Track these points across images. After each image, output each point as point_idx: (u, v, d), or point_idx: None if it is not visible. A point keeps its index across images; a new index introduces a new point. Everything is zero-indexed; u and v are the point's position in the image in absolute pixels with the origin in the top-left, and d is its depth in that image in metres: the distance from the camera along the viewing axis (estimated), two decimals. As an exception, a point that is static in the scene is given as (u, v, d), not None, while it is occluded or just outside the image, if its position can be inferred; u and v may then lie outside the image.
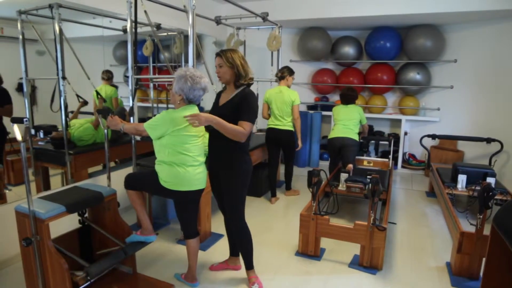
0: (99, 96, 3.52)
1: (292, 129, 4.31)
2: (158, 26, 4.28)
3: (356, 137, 4.32)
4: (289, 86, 4.35)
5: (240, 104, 2.32)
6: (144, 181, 2.40)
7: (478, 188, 2.74)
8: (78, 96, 3.49)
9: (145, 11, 3.19)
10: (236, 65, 2.34)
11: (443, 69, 5.72)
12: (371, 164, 4.87)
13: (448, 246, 3.28)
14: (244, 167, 2.43)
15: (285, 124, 4.27)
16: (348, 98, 4.41)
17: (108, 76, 4.13)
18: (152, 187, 2.38)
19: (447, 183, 4.00)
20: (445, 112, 5.80)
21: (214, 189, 2.62)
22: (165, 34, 4.78)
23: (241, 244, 2.58)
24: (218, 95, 2.55)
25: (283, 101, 4.23)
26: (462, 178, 3.92)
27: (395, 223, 3.69)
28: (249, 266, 2.62)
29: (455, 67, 5.62)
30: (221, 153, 2.42)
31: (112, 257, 2.32)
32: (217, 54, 2.38)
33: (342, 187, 3.81)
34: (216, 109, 2.44)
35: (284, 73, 4.32)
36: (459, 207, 4.04)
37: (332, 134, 4.42)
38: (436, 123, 5.83)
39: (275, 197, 4.49)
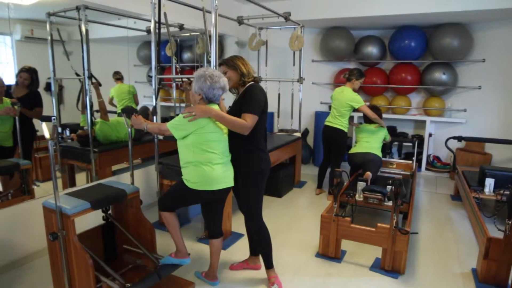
0: (93, 81, 3.53)
1: (342, 128, 4.34)
2: (181, 27, 4.33)
3: (379, 153, 4.24)
4: (354, 89, 4.32)
5: (244, 98, 2.35)
6: (175, 194, 2.40)
7: (507, 192, 2.65)
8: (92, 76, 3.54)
9: (165, 13, 3.22)
10: (237, 65, 2.41)
11: (471, 69, 5.55)
12: (394, 166, 4.78)
13: (474, 252, 3.17)
14: (261, 166, 2.43)
15: (337, 123, 4.34)
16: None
17: (121, 76, 4.24)
18: (184, 196, 2.37)
19: (473, 187, 3.88)
20: (472, 113, 5.62)
21: (234, 189, 2.63)
22: (188, 34, 4.83)
23: (260, 244, 2.59)
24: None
25: (340, 102, 4.31)
26: (489, 182, 3.79)
27: (416, 233, 3.57)
28: (269, 265, 2.61)
29: (483, 67, 5.44)
30: (238, 152, 2.43)
31: (146, 280, 2.33)
32: (219, 64, 2.49)
33: (359, 197, 3.51)
34: (230, 108, 2.50)
35: (350, 76, 4.32)
36: (486, 212, 3.91)
37: (353, 150, 4.36)
38: (462, 124, 5.67)
39: (319, 189, 4.77)
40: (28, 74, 3.10)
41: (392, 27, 5.77)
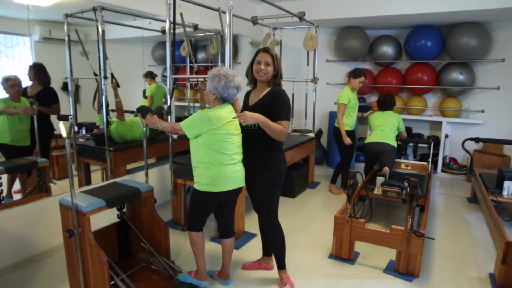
0: (112, 82, 3.61)
1: (338, 126, 4.48)
2: (196, 27, 4.35)
3: (394, 143, 4.22)
4: (353, 88, 4.45)
5: (273, 103, 2.32)
6: (192, 207, 2.41)
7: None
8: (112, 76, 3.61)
9: (181, 13, 3.25)
10: (279, 65, 2.38)
11: (489, 69, 5.43)
12: (409, 168, 4.71)
13: (491, 256, 3.11)
14: (280, 167, 2.44)
15: (337, 122, 4.51)
16: (385, 104, 4.36)
17: (155, 75, 4.37)
18: (199, 203, 2.39)
19: (491, 190, 3.79)
20: (490, 114, 5.50)
21: (249, 189, 2.62)
22: (202, 34, 4.86)
23: (274, 244, 2.59)
24: (247, 95, 2.54)
25: (337, 101, 4.47)
26: (508, 185, 3.71)
27: (433, 238, 3.46)
28: (281, 266, 2.61)
29: (502, 67, 5.32)
30: (258, 153, 2.41)
31: None
32: (266, 51, 2.36)
33: (378, 191, 3.63)
34: (247, 109, 2.42)
35: (349, 75, 4.47)
36: (505, 215, 3.83)
37: (369, 139, 4.35)
38: (480, 125, 5.55)
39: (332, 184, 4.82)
40: (30, 67, 3.14)
41: (408, 27, 5.69)
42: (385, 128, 4.26)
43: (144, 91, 4.42)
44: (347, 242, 2.96)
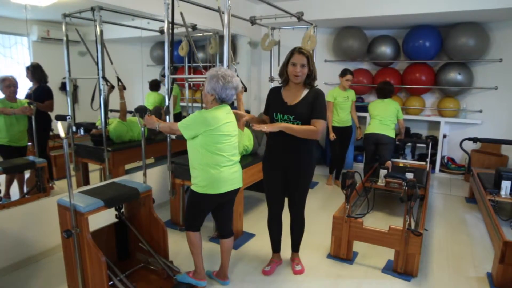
0: (119, 84, 3.69)
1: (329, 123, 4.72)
2: (194, 27, 4.35)
3: (392, 134, 4.32)
4: (344, 87, 4.70)
5: (313, 102, 2.40)
6: (190, 207, 2.41)
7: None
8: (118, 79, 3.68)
9: (181, 13, 3.25)
10: (314, 67, 2.44)
11: (487, 69, 5.44)
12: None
13: (489, 256, 3.12)
14: (315, 163, 2.65)
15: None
16: (384, 91, 4.41)
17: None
18: (197, 204, 2.39)
19: (489, 189, 3.80)
20: (488, 114, 5.52)
21: (274, 186, 2.64)
22: (201, 34, 4.85)
23: (300, 231, 2.79)
24: (277, 93, 2.55)
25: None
26: (506, 184, 3.72)
27: (426, 230, 3.51)
28: (298, 249, 2.87)
29: (500, 67, 5.33)
30: (296, 153, 2.49)
31: None
32: (301, 52, 2.37)
33: (381, 182, 3.93)
34: (287, 108, 2.45)
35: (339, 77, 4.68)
36: (503, 215, 3.83)
37: (369, 129, 4.44)
38: (477, 125, 5.57)
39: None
40: (28, 68, 3.14)
41: (406, 27, 5.70)
42: (384, 117, 4.33)
43: (152, 83, 4.60)
44: (346, 242, 2.96)
